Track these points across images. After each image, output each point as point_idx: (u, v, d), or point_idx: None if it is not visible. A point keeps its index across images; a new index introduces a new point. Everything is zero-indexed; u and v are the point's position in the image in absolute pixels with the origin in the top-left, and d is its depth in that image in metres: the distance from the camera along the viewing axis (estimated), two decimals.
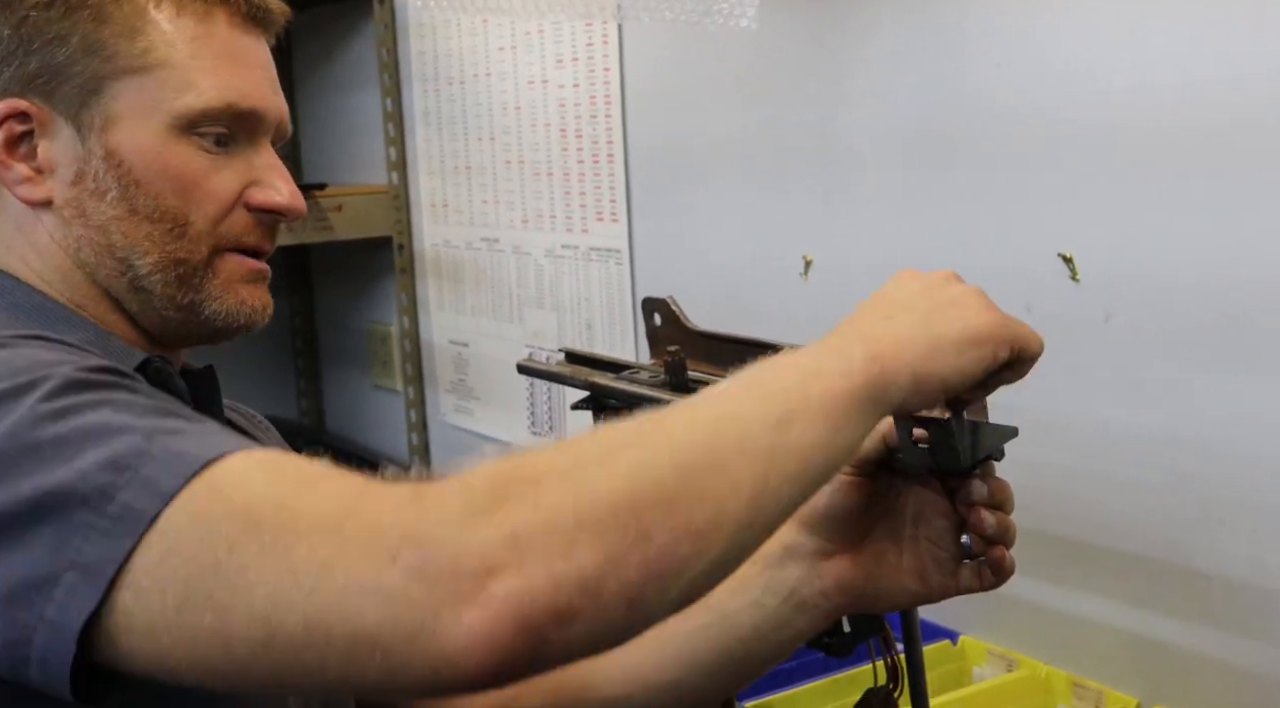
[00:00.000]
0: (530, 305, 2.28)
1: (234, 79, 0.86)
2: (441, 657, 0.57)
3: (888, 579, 0.90)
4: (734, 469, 0.64)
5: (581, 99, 2.07)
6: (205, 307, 0.87)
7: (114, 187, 0.83)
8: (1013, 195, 1.43)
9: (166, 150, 0.84)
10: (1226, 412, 1.26)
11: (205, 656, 0.61)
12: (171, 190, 0.84)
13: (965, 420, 0.83)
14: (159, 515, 0.62)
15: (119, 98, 0.83)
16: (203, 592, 0.60)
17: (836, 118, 1.62)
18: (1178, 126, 1.26)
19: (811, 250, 1.68)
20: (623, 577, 0.59)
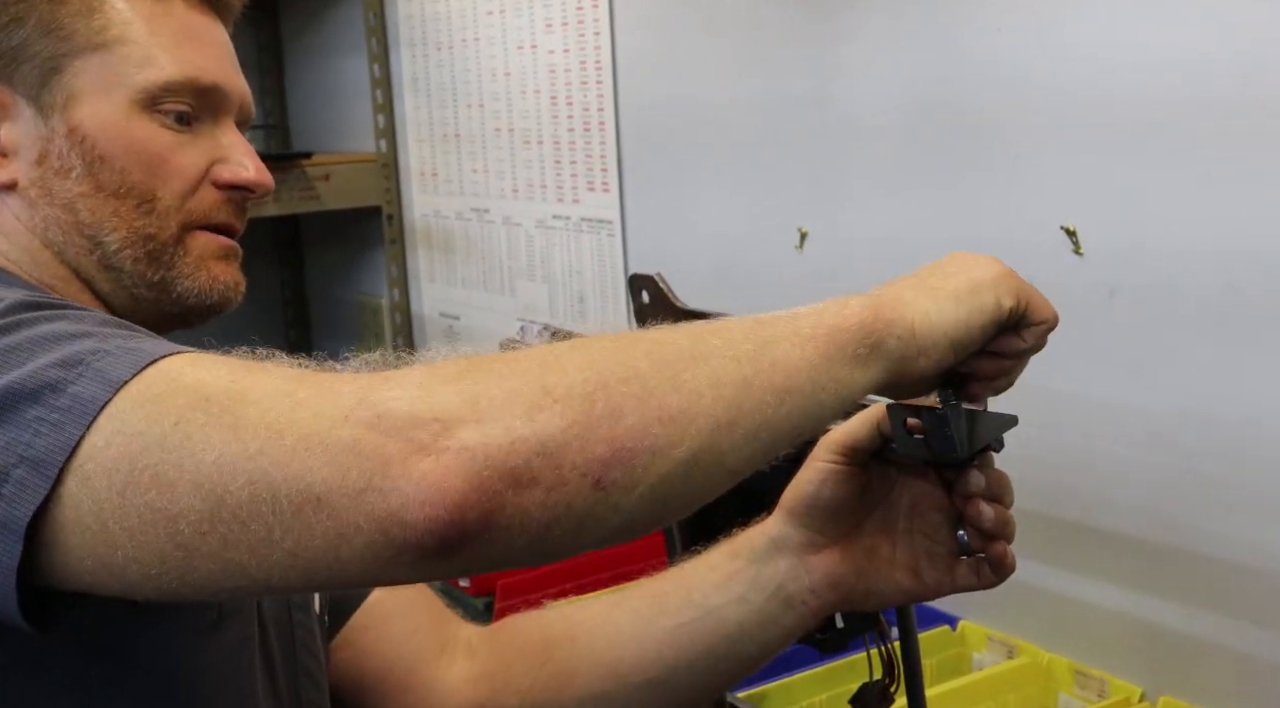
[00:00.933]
0: (521, 277, 2.23)
1: (194, 55, 0.85)
2: (389, 513, 0.55)
3: (879, 575, 0.86)
4: (713, 366, 0.62)
5: (572, 65, 2.02)
6: (177, 284, 0.85)
7: (78, 163, 0.82)
8: (1014, 166, 1.38)
9: (130, 126, 0.82)
10: (1234, 391, 1.22)
11: (151, 540, 0.59)
12: (137, 166, 0.83)
13: (962, 409, 0.79)
14: (108, 403, 0.61)
15: (79, 75, 0.82)
16: (147, 468, 0.59)
17: (832, 86, 1.57)
18: (1183, 98, 1.22)
19: (807, 222, 1.64)
20: (588, 449, 0.57)
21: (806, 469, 0.86)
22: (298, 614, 0.90)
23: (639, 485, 0.58)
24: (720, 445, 0.61)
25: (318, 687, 0.91)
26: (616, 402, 0.58)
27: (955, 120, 1.44)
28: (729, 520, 0.98)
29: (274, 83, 2.87)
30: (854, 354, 0.68)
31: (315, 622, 0.92)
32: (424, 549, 0.55)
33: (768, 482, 0.91)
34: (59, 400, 0.61)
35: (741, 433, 0.62)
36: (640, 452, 0.58)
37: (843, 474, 0.85)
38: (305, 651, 0.90)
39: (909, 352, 0.70)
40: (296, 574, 0.58)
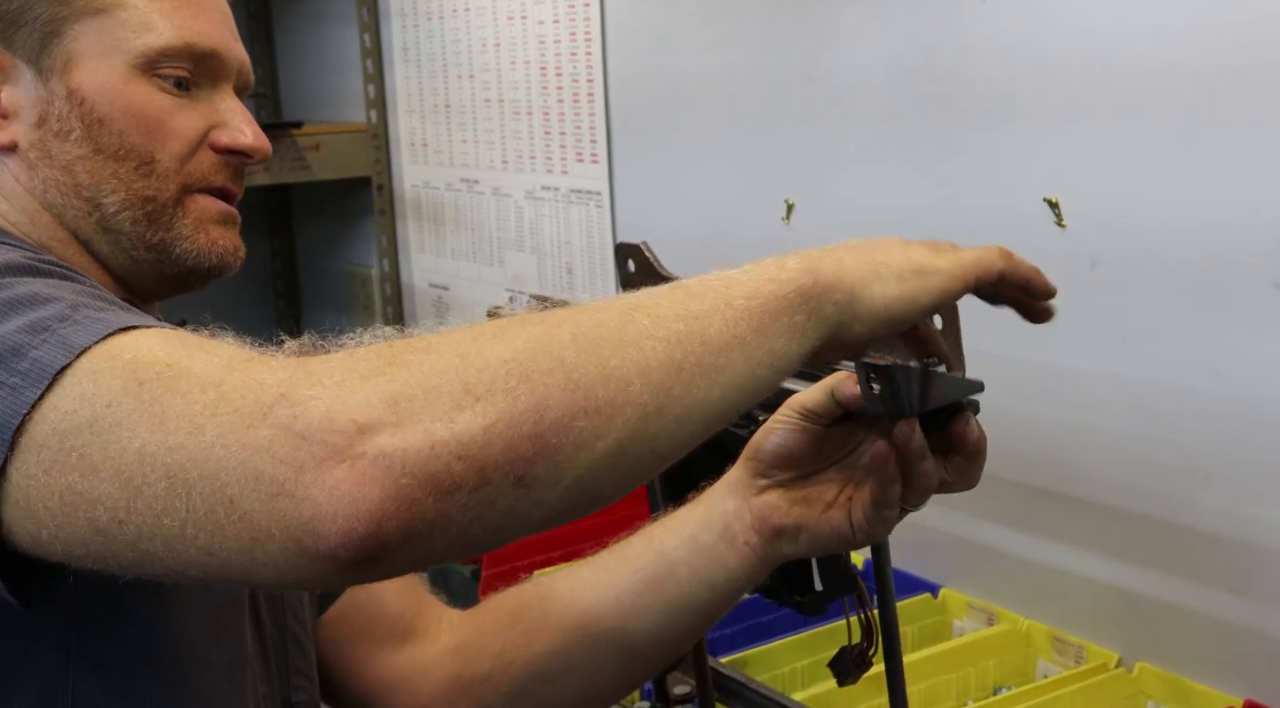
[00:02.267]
0: (510, 248, 2.24)
1: (192, 21, 0.85)
2: (301, 522, 0.53)
3: (814, 516, 0.85)
4: (642, 350, 0.60)
5: (561, 35, 2.02)
6: (176, 246, 0.85)
7: (77, 126, 0.83)
8: (998, 138, 1.39)
9: (129, 89, 0.83)
10: (1211, 363, 1.24)
11: (71, 522, 0.59)
12: (135, 128, 0.83)
13: (917, 369, 0.80)
14: (64, 370, 0.61)
15: (79, 39, 0.83)
16: (74, 450, 0.59)
17: (820, 58, 1.58)
18: (1166, 70, 1.22)
19: (794, 194, 1.64)
20: (511, 448, 0.55)
21: (769, 422, 0.86)
22: None
23: (564, 479, 0.57)
24: (649, 432, 0.60)
25: (304, 654, 0.92)
26: (540, 395, 0.56)
27: (940, 93, 1.44)
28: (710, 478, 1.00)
29: (264, 52, 2.87)
30: (790, 324, 0.66)
31: (305, 608, 0.93)
32: (339, 560, 0.53)
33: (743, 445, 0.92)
34: (19, 364, 0.61)
35: (672, 418, 0.61)
36: (565, 446, 0.56)
37: (798, 429, 0.85)
38: (293, 618, 0.91)
39: (845, 317, 0.69)
40: (212, 572, 0.57)
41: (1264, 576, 1.23)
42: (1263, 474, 1.22)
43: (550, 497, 0.57)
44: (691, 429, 0.62)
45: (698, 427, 0.63)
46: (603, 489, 0.59)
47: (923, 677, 1.36)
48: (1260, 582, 1.23)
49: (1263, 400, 1.20)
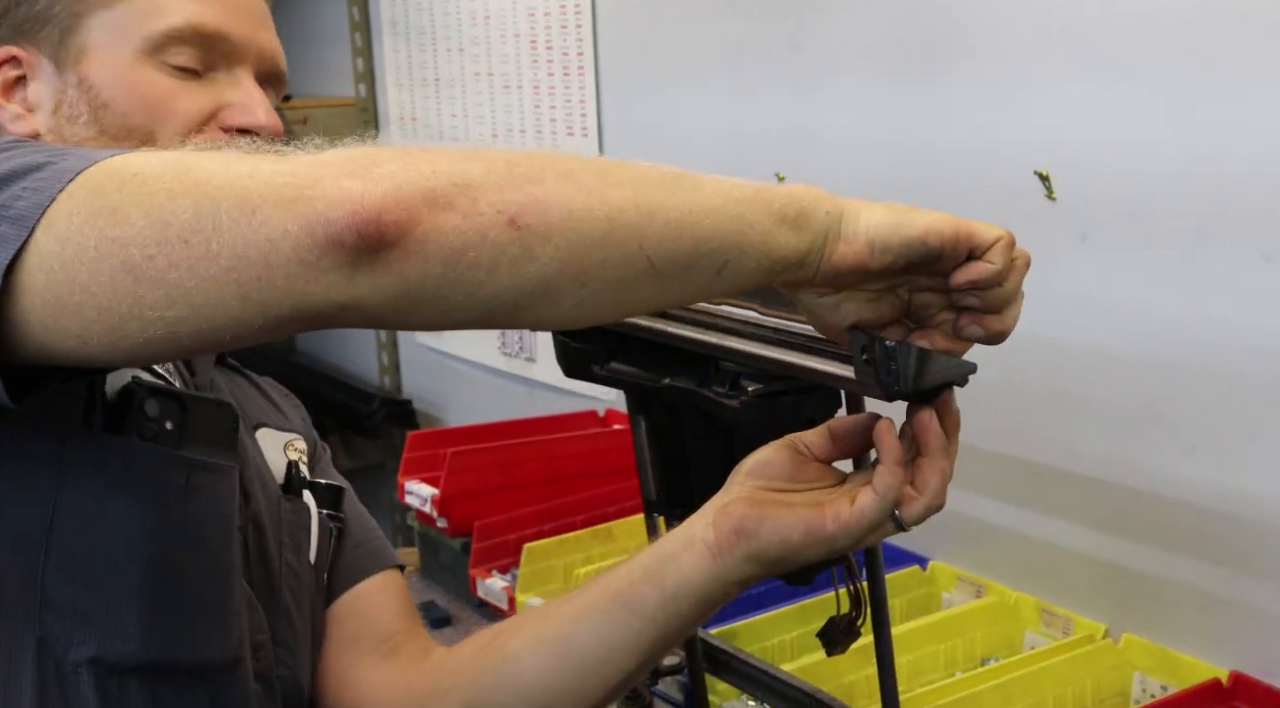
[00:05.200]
0: None
1: (203, 6, 0.87)
2: (315, 214, 0.60)
3: (778, 507, 0.80)
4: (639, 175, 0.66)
5: (551, 8, 2.01)
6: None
7: (85, 110, 0.86)
8: (989, 107, 1.39)
9: (133, 73, 0.86)
10: (1198, 337, 1.24)
11: (104, 268, 0.63)
12: (138, 109, 0.85)
13: (914, 347, 0.80)
14: (83, 171, 0.65)
15: (92, 31, 0.86)
16: (106, 207, 0.63)
17: (810, 28, 1.57)
18: (1161, 36, 1.22)
19: (784, 166, 1.64)
20: (505, 191, 0.62)
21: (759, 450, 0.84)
22: (287, 555, 0.91)
23: (554, 236, 0.62)
24: (639, 225, 0.64)
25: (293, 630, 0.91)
26: (539, 171, 0.63)
27: (930, 63, 1.44)
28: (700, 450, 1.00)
29: None
30: (780, 211, 0.68)
31: (306, 570, 0.93)
32: (344, 248, 0.60)
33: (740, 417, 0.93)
34: (43, 173, 0.66)
35: (661, 223, 0.65)
36: (556, 206, 0.62)
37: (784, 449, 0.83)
38: (289, 591, 0.91)
39: (833, 231, 0.70)
40: (231, 292, 0.62)
41: (1250, 547, 1.24)
42: (1249, 447, 1.22)
43: (542, 252, 0.62)
44: (681, 247, 0.66)
45: (687, 248, 0.66)
46: (592, 267, 0.64)
47: (911, 648, 1.36)
48: (1246, 554, 1.24)
49: (1250, 373, 1.21)
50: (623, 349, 1.04)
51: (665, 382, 0.99)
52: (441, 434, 2.04)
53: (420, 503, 1.85)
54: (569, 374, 1.09)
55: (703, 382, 0.96)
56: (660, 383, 0.99)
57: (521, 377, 2.23)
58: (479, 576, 1.72)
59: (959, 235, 0.73)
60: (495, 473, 1.83)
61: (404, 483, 1.90)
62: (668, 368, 0.99)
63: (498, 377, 2.29)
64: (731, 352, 0.92)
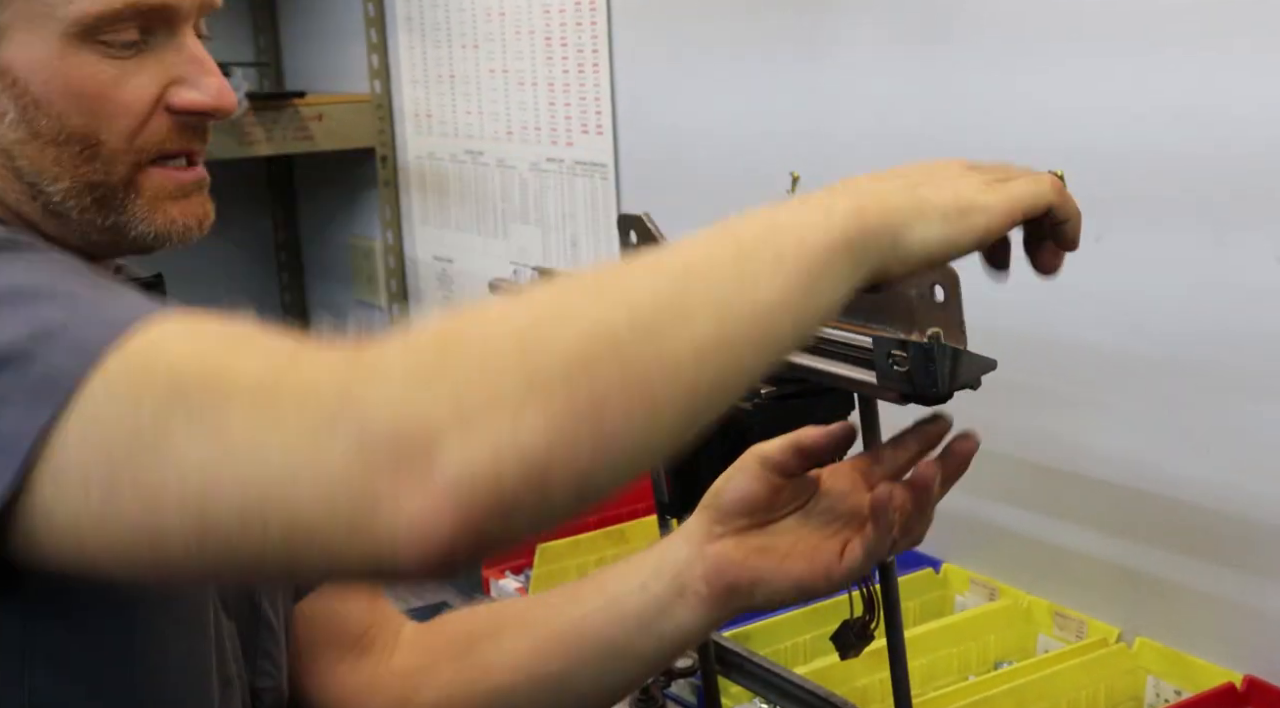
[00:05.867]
0: (515, 221, 2.23)
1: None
2: (380, 553, 0.54)
3: (771, 568, 0.83)
4: (695, 326, 0.58)
5: (567, 6, 2.01)
6: (131, 228, 0.78)
7: (11, 108, 0.74)
8: (1004, 110, 1.38)
9: (65, 63, 0.74)
10: (1214, 337, 1.23)
11: (131, 554, 0.57)
12: (76, 108, 0.74)
13: (947, 346, 0.80)
14: (83, 379, 0.57)
15: (5, 8, 0.73)
16: (128, 477, 0.56)
17: (826, 28, 1.57)
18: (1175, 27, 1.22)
19: (799, 166, 1.63)
20: (573, 462, 0.54)
21: (730, 469, 0.86)
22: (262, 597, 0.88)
23: (618, 476, 0.57)
24: (696, 409, 0.59)
25: (275, 639, 0.89)
26: (600, 393, 0.55)
27: (947, 47, 1.43)
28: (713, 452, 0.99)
29: (267, 21, 2.85)
30: (836, 275, 0.64)
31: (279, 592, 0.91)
32: (410, 578, 0.55)
33: (753, 420, 0.92)
34: (30, 371, 0.57)
35: (718, 391, 0.60)
36: (622, 449, 0.56)
37: (759, 478, 0.85)
38: (266, 601, 0.88)
39: (886, 260, 0.67)
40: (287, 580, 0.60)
41: (1265, 551, 1.23)
42: (1265, 449, 1.21)
43: (601, 494, 0.57)
44: (730, 397, 0.62)
45: (737, 392, 0.62)
46: (645, 466, 0.59)
47: (924, 651, 1.36)
48: (1261, 557, 1.23)
49: (1265, 374, 1.20)
50: None
51: None
52: None
53: None
54: None
55: None
56: None
57: None
58: (492, 576, 1.71)
59: (1014, 219, 0.72)
60: None
61: None
62: None
63: None
64: None
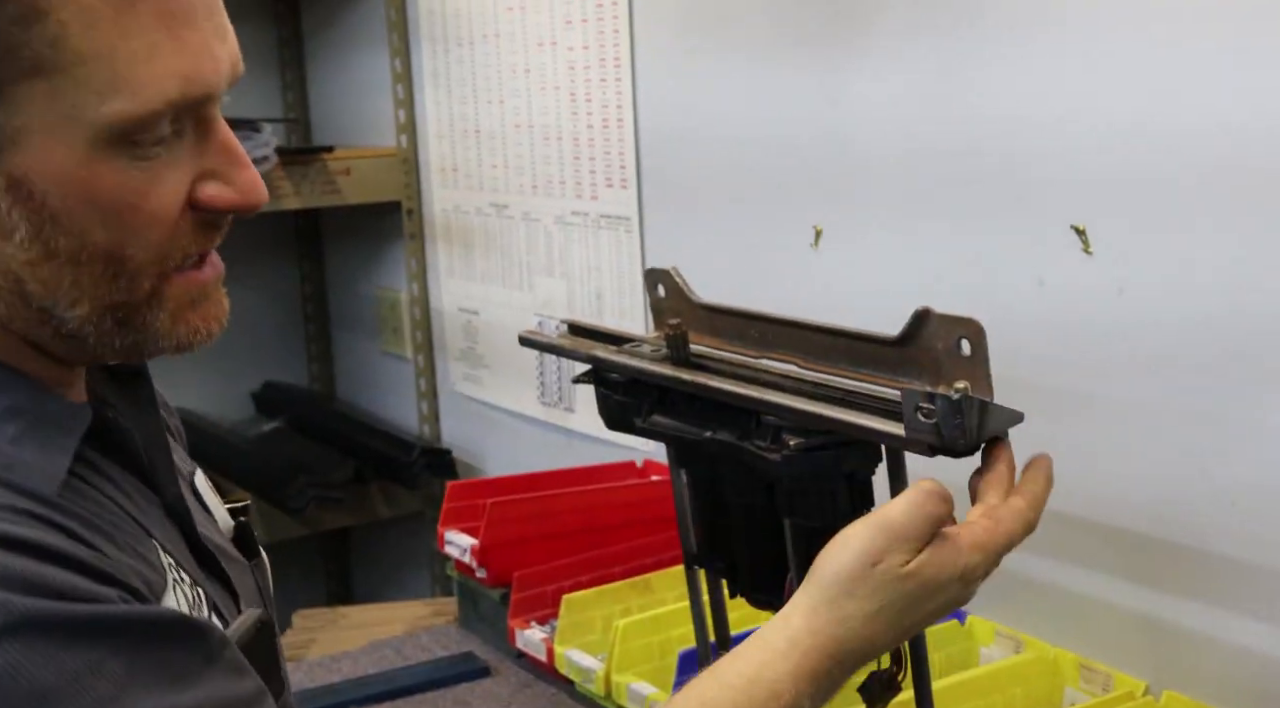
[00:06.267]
0: (540, 273, 2.25)
1: (178, 58, 0.65)
2: None
3: None
4: None
5: (591, 62, 2.04)
6: (150, 344, 0.71)
7: (22, 224, 0.64)
8: (1026, 165, 1.40)
9: (92, 172, 0.64)
10: (1238, 389, 1.24)
11: None
12: (101, 222, 0.66)
13: (975, 399, 0.81)
14: None
15: (22, 109, 0.62)
16: None
17: (848, 83, 1.59)
18: (1194, 99, 1.23)
19: (822, 220, 1.65)
20: None
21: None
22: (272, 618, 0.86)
23: None
24: None
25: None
26: None
27: (968, 120, 1.45)
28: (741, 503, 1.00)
29: (295, 77, 2.90)
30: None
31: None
32: None
33: (781, 471, 0.93)
34: None
35: None
36: None
37: None
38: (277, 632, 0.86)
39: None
40: None
41: None
42: None
43: None
44: None
45: None
46: None
47: (950, 704, 1.35)
48: None
49: None
50: (664, 402, 1.05)
51: (707, 435, 0.99)
52: (481, 485, 2.06)
53: (460, 553, 1.85)
54: (611, 427, 1.10)
55: (744, 435, 0.97)
56: (702, 436, 1.00)
57: (560, 426, 2.24)
58: (518, 626, 1.72)
59: None
60: (534, 524, 1.83)
61: (444, 533, 1.91)
62: (709, 421, 1.00)
63: (536, 426, 2.31)
64: (774, 406, 0.93)
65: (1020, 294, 1.40)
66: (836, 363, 0.97)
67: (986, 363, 0.85)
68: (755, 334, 1.04)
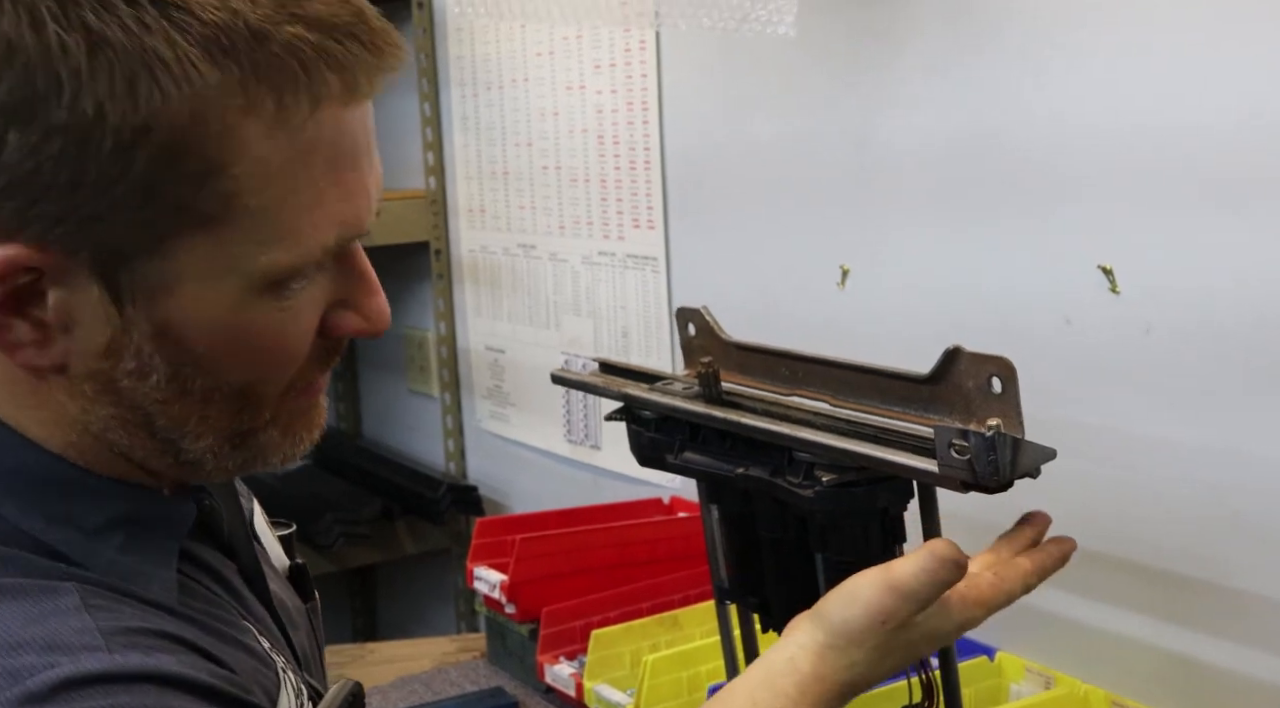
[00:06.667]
0: (567, 312, 2.27)
1: (340, 205, 0.65)
2: None
3: None
4: None
5: (619, 105, 2.07)
6: (260, 461, 0.71)
7: (161, 367, 0.64)
8: (1052, 205, 1.41)
9: (239, 317, 0.64)
10: (1266, 426, 1.24)
11: None
12: (239, 364, 0.65)
13: (1008, 436, 0.83)
14: None
15: (179, 259, 0.61)
16: None
17: (875, 127, 1.61)
18: (1220, 138, 1.24)
19: (849, 260, 1.67)
20: None
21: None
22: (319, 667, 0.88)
23: None
24: None
25: None
26: None
27: (994, 159, 1.47)
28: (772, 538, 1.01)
29: None
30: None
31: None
32: None
33: (814, 507, 0.95)
34: None
35: None
36: None
37: None
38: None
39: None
40: None
41: None
42: None
43: None
44: None
45: None
46: None
47: None
48: None
49: None
50: (696, 439, 1.07)
51: (739, 471, 1.01)
52: (510, 521, 2.07)
53: (489, 589, 1.87)
54: (643, 464, 1.12)
55: (776, 471, 0.98)
56: (734, 472, 1.01)
57: (587, 464, 2.25)
58: (547, 662, 1.73)
59: None
60: (563, 560, 1.85)
61: (473, 569, 1.92)
62: (741, 457, 1.02)
63: (563, 463, 2.32)
64: (809, 443, 0.94)
65: (1047, 333, 1.42)
66: (866, 400, 0.98)
67: (1018, 401, 0.86)
68: (785, 372, 1.06)
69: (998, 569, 0.87)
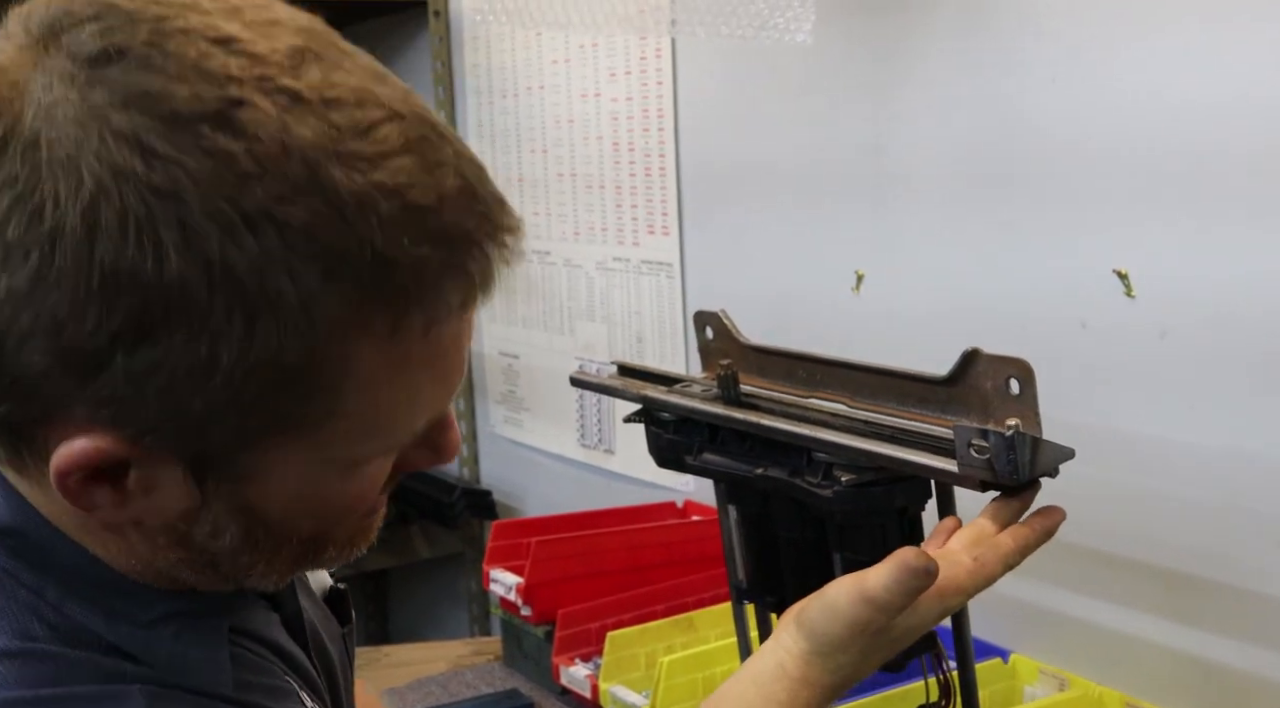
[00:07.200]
0: (581, 318, 2.29)
1: (435, 398, 0.64)
2: None
3: None
4: None
5: (634, 113, 2.08)
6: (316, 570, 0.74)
7: (234, 529, 0.64)
8: (1067, 210, 1.42)
9: (320, 491, 0.64)
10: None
11: None
12: (311, 520, 0.65)
13: (1027, 435, 0.84)
14: None
15: (270, 455, 0.61)
16: None
17: (890, 133, 1.62)
18: (1235, 143, 1.25)
19: (864, 265, 1.68)
20: None
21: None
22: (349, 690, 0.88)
23: None
24: None
25: None
26: None
27: (1009, 165, 1.48)
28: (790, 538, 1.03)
29: None
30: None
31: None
32: None
33: (833, 507, 0.96)
34: None
35: None
36: None
37: None
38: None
39: None
40: None
41: None
42: None
43: None
44: None
45: None
46: None
47: None
48: None
49: None
50: (714, 440, 1.08)
51: (758, 472, 1.02)
52: (525, 524, 2.08)
53: (505, 591, 1.88)
54: (661, 465, 1.13)
55: (795, 472, 0.99)
56: (753, 473, 1.02)
57: (600, 468, 2.26)
58: (562, 664, 1.74)
59: None
60: (578, 562, 1.86)
61: (489, 571, 1.93)
62: (759, 458, 1.03)
63: (576, 467, 2.33)
64: (828, 443, 0.95)
65: (1063, 337, 1.43)
66: (884, 402, 0.99)
67: (1035, 402, 0.87)
68: (803, 374, 1.07)
69: (978, 552, 0.87)
